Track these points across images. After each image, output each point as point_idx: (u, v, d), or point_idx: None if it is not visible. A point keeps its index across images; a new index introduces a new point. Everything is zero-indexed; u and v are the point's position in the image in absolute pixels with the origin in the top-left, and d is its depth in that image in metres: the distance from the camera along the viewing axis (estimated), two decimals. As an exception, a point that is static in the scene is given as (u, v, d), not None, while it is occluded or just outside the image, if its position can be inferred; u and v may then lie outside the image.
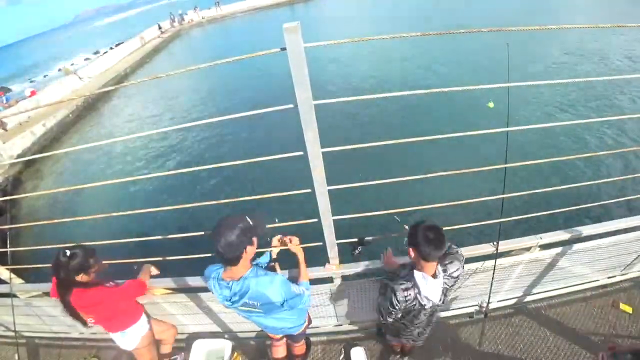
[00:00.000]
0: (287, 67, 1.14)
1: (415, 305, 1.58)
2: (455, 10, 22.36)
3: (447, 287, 1.60)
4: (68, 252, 1.73)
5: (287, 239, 1.74)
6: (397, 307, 1.58)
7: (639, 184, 5.44)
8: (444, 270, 1.59)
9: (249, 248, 1.45)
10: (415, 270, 1.55)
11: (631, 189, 5.35)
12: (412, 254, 1.53)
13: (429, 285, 1.53)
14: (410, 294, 1.55)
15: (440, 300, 1.58)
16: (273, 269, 1.81)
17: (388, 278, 1.73)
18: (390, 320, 1.68)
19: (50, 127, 13.60)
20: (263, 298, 1.52)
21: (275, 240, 1.79)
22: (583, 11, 17.57)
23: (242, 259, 1.45)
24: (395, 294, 1.56)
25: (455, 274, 1.60)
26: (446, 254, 1.67)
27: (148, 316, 2.25)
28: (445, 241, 1.47)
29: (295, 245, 1.73)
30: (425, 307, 1.57)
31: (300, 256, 1.75)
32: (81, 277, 1.78)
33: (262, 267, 1.71)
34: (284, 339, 2.20)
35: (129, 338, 2.12)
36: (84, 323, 1.88)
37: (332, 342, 2.69)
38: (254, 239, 1.48)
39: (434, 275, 1.54)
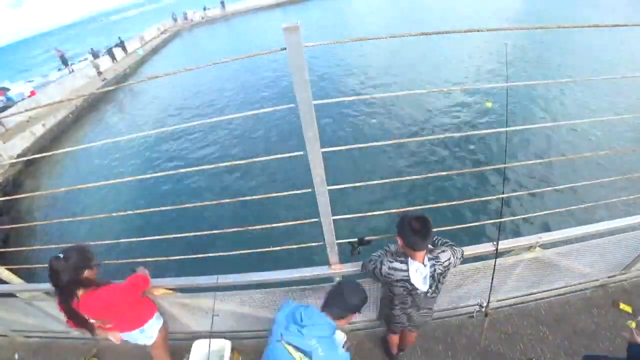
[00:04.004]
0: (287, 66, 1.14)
1: (402, 285, 1.63)
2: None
3: (439, 272, 1.61)
4: (61, 255, 1.66)
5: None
6: (377, 276, 1.68)
7: (638, 184, 5.44)
8: (435, 258, 1.61)
9: (350, 318, 1.53)
10: (410, 259, 1.59)
11: (631, 189, 5.34)
12: (400, 242, 1.58)
13: (417, 273, 1.57)
14: (393, 274, 1.61)
15: (430, 287, 1.61)
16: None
17: (375, 256, 1.79)
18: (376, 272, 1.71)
19: (50, 127, 13.60)
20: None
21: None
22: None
23: (344, 320, 1.50)
24: (382, 265, 1.64)
25: (445, 263, 1.62)
26: (441, 244, 1.75)
27: (161, 312, 2.29)
28: (431, 231, 1.51)
29: None
30: (415, 292, 1.62)
31: None
32: (87, 273, 1.71)
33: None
34: None
35: (148, 333, 2.13)
36: (92, 330, 1.78)
37: (332, 342, 2.69)
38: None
39: (423, 263, 1.58)
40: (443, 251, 1.64)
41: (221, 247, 2.21)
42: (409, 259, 1.59)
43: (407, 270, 1.58)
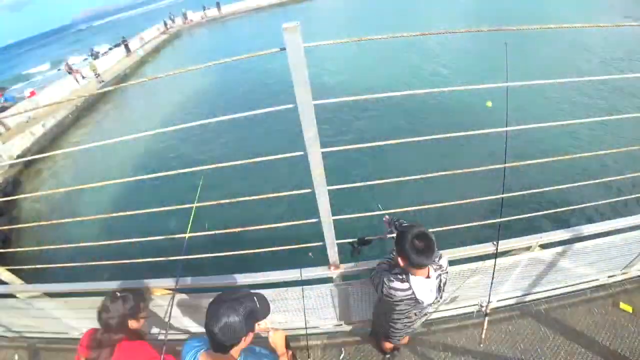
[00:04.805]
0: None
1: (406, 303, 1.54)
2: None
3: (443, 282, 1.55)
4: (119, 294, 1.63)
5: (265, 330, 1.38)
6: (378, 293, 1.57)
7: (638, 184, 5.44)
8: (440, 267, 1.54)
9: (249, 335, 1.20)
10: (410, 276, 1.48)
11: (631, 189, 5.35)
12: (401, 262, 1.43)
13: (423, 287, 1.47)
14: (393, 295, 1.51)
15: (435, 298, 1.53)
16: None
17: (381, 266, 1.67)
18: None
19: (49, 128, 13.59)
20: None
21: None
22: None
23: (238, 347, 1.20)
24: (385, 285, 1.52)
25: (447, 269, 1.58)
26: None
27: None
28: (436, 246, 1.38)
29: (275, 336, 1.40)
30: (422, 305, 1.53)
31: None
32: (132, 324, 1.68)
33: (252, 349, 1.34)
34: None
35: None
36: None
37: (332, 342, 2.69)
38: (257, 325, 1.23)
39: (428, 276, 1.49)
40: (440, 257, 1.57)
41: (221, 247, 2.21)
42: (410, 275, 1.48)
43: (410, 289, 1.47)
